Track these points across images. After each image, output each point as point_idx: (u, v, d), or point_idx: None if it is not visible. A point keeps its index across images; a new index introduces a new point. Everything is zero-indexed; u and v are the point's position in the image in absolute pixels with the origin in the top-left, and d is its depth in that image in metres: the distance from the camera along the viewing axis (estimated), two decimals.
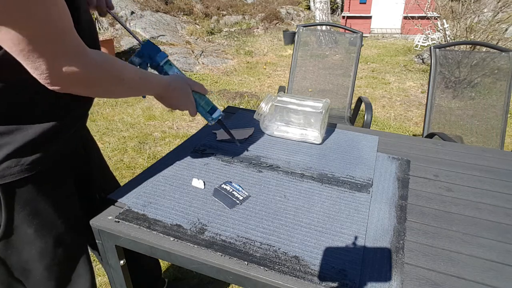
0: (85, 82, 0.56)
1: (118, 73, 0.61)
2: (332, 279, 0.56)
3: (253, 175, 0.84)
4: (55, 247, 0.70)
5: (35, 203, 0.65)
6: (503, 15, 4.72)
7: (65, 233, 0.71)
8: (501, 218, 0.73)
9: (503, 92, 1.74)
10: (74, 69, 0.52)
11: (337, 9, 11.87)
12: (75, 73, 0.52)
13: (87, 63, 0.54)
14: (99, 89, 0.60)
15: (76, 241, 0.72)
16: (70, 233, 0.71)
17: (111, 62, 0.59)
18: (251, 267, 0.58)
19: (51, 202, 0.68)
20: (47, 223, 0.68)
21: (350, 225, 0.68)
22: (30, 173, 0.62)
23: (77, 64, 0.52)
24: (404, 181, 0.84)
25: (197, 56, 5.77)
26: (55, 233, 0.69)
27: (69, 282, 0.76)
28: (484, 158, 0.98)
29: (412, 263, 0.60)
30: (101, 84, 0.59)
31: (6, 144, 0.58)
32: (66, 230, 0.71)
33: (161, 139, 2.99)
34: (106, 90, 0.61)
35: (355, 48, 2.32)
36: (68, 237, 0.72)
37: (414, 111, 3.84)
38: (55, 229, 0.69)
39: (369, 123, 1.92)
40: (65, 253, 0.73)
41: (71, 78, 0.53)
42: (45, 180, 0.66)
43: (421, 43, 7.16)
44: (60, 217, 0.70)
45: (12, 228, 0.64)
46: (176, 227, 0.66)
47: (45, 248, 0.69)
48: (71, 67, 0.52)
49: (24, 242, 0.66)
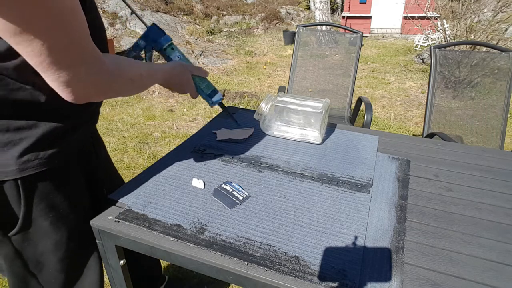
0: (101, 89, 0.57)
1: (128, 74, 0.62)
2: (332, 279, 0.56)
3: (253, 175, 0.84)
4: (69, 240, 0.72)
5: (51, 196, 0.67)
6: (503, 15, 4.72)
7: (78, 226, 0.73)
8: (501, 218, 0.73)
9: (503, 92, 1.74)
10: (92, 78, 0.53)
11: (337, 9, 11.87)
12: (93, 81, 0.54)
13: (103, 71, 0.55)
14: (113, 93, 0.61)
15: (88, 234, 0.73)
16: (83, 226, 0.73)
17: (122, 65, 0.60)
18: (251, 267, 0.58)
19: (66, 196, 0.70)
20: (62, 216, 0.70)
21: (350, 225, 0.68)
22: (48, 167, 0.64)
23: (94, 73, 0.53)
24: (404, 181, 0.84)
25: (197, 56, 5.77)
26: (69, 226, 0.72)
27: (80, 275, 0.78)
28: (484, 158, 0.98)
29: (412, 263, 0.60)
30: (115, 88, 0.60)
31: (26, 138, 0.60)
32: (79, 223, 0.73)
33: (161, 139, 2.99)
34: (118, 92, 0.62)
35: (355, 48, 2.32)
36: (80, 230, 0.74)
37: (414, 111, 3.84)
38: (69, 222, 0.72)
39: (369, 123, 1.92)
40: (78, 245, 0.75)
41: (89, 87, 0.54)
42: (61, 174, 0.68)
43: (421, 43, 7.16)
44: (73, 211, 0.72)
45: (30, 220, 0.66)
46: (176, 227, 0.66)
47: (60, 241, 0.71)
48: (89, 76, 0.52)
49: (40, 235, 0.68)
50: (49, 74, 0.48)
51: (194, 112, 3.56)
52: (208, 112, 3.53)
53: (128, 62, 0.63)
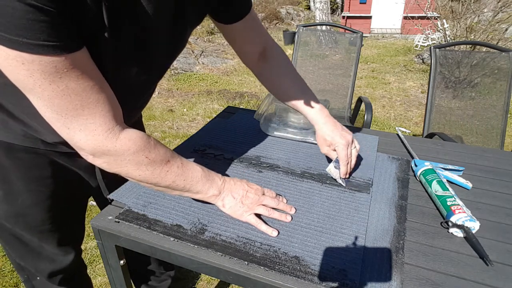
0: (111, 166, 0.57)
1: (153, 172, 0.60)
2: (332, 279, 0.56)
3: (253, 175, 0.84)
4: (17, 217, 0.76)
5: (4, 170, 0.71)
6: (503, 15, 4.72)
7: (29, 208, 0.76)
8: (501, 218, 0.73)
9: (503, 92, 1.74)
10: (92, 148, 0.54)
11: (337, 9, 11.87)
12: (92, 151, 0.54)
13: (112, 148, 0.54)
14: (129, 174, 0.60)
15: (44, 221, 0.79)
16: (33, 210, 0.77)
17: (146, 153, 0.58)
18: (251, 267, 0.58)
19: (21, 176, 0.73)
20: (13, 192, 0.73)
21: (350, 225, 0.68)
22: None
23: (96, 146, 0.53)
24: (404, 181, 0.84)
25: (197, 56, 5.77)
26: (20, 205, 0.75)
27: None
28: (484, 158, 0.98)
29: (412, 263, 0.60)
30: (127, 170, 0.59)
31: None
32: (31, 206, 0.76)
33: (161, 139, 2.98)
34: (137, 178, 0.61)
35: (355, 48, 2.32)
36: (28, 213, 0.77)
37: (414, 111, 3.85)
38: (22, 202, 0.75)
39: (369, 123, 1.92)
40: (23, 227, 0.78)
41: (91, 155, 0.55)
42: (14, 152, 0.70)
43: (421, 43, 7.16)
44: (27, 192, 0.74)
45: None
46: (176, 227, 0.66)
47: (8, 215, 0.76)
48: (88, 145, 0.53)
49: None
50: (55, 128, 0.51)
51: (194, 112, 3.56)
52: (208, 112, 3.53)
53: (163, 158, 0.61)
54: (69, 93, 0.47)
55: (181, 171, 0.63)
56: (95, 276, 1.60)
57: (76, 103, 0.48)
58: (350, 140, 0.79)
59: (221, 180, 0.69)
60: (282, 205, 0.70)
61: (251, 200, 0.68)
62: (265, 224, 0.65)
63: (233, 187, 0.69)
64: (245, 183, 0.71)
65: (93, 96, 0.50)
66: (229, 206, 0.68)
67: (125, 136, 0.55)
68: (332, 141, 0.79)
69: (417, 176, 0.85)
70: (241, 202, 0.67)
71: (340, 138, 0.77)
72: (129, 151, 0.55)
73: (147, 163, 0.58)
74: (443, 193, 0.74)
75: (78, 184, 0.82)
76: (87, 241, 1.75)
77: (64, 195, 0.80)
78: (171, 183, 0.62)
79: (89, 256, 1.69)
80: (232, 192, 0.68)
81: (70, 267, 0.89)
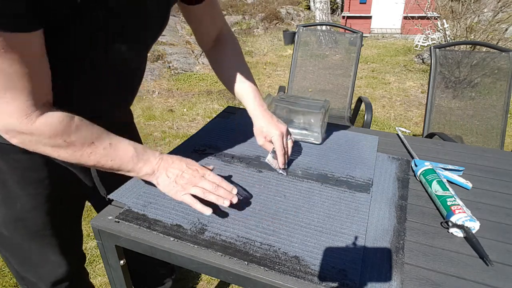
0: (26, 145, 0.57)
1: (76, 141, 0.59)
2: (332, 279, 0.56)
3: (253, 175, 0.84)
4: (16, 221, 0.75)
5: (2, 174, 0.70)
6: (503, 15, 4.72)
7: (28, 212, 0.75)
8: (501, 218, 0.73)
9: (503, 92, 1.74)
10: (11, 130, 0.54)
11: (337, 9, 11.87)
12: (13, 134, 0.54)
13: (26, 131, 0.54)
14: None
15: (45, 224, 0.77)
16: (34, 214, 0.76)
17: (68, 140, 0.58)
18: (251, 267, 0.58)
19: (18, 179, 0.72)
20: (11, 196, 0.72)
21: (350, 225, 0.68)
22: None
23: (10, 127, 0.54)
24: (404, 181, 0.84)
25: (197, 56, 5.77)
26: (18, 209, 0.74)
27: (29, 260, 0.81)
28: (484, 158, 0.98)
29: (412, 263, 0.60)
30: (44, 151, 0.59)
31: None
32: (29, 210, 0.75)
33: (161, 139, 2.99)
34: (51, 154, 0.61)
35: (355, 48, 2.32)
36: (31, 217, 0.76)
37: (414, 111, 3.85)
38: (21, 206, 0.74)
39: (369, 123, 1.92)
40: (24, 234, 0.77)
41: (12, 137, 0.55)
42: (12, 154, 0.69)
43: (421, 43, 7.16)
44: (25, 196, 0.73)
45: None
46: (176, 227, 0.66)
47: (7, 220, 0.74)
48: (2, 125, 0.53)
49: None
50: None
51: (194, 112, 3.56)
52: (208, 112, 3.53)
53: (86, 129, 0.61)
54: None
55: (107, 152, 0.63)
56: (95, 276, 1.60)
57: (1, 85, 0.48)
58: (285, 131, 0.82)
59: (157, 159, 0.70)
60: (222, 191, 0.68)
61: (186, 181, 0.68)
62: (200, 203, 0.66)
63: (169, 166, 0.70)
64: (184, 164, 0.71)
65: (21, 83, 0.50)
66: (163, 185, 0.69)
67: (42, 121, 0.55)
68: (268, 132, 0.82)
69: (417, 176, 0.85)
70: (175, 181, 0.68)
71: (275, 129, 0.81)
72: (44, 135, 0.56)
73: (65, 146, 0.58)
74: (443, 193, 0.74)
75: (75, 184, 0.82)
76: (87, 241, 1.75)
77: (62, 196, 0.79)
78: (96, 163, 0.63)
79: (89, 256, 1.69)
80: (167, 171, 0.69)
81: (74, 274, 0.87)
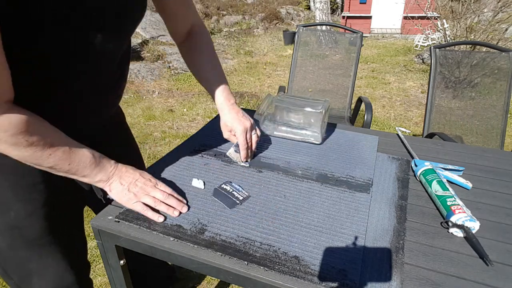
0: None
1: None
2: (332, 279, 0.56)
3: (253, 175, 0.84)
4: (6, 231, 0.73)
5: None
6: (503, 15, 4.72)
7: (21, 220, 0.73)
8: (501, 218, 0.73)
9: (503, 92, 1.74)
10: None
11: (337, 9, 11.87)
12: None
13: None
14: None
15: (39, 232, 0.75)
16: (26, 222, 0.73)
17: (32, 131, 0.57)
18: (251, 267, 0.58)
19: (7, 186, 0.70)
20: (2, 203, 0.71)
21: (350, 225, 0.68)
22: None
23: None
24: (404, 181, 0.84)
25: None
26: (10, 217, 0.72)
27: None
28: (484, 158, 0.98)
29: (412, 263, 0.60)
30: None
31: None
32: (20, 218, 0.72)
33: (161, 139, 2.99)
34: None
35: (355, 48, 2.32)
36: (21, 226, 0.73)
37: (414, 111, 3.85)
38: (13, 214, 0.72)
39: (369, 123, 1.92)
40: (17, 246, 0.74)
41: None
42: None
43: (421, 43, 7.16)
44: (16, 204, 0.71)
45: None
46: (176, 227, 0.66)
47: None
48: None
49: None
50: None
51: (194, 112, 3.56)
52: (208, 112, 3.53)
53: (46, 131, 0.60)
54: None
55: (66, 155, 0.63)
56: (95, 276, 1.60)
57: None
58: (249, 126, 0.85)
59: (112, 167, 0.70)
60: (173, 201, 0.70)
61: (139, 189, 0.70)
62: (151, 211, 0.68)
63: (123, 174, 0.71)
64: (138, 173, 0.72)
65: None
66: (115, 191, 0.70)
67: (4, 118, 0.55)
68: (232, 126, 0.85)
69: (417, 176, 0.85)
70: (127, 189, 0.69)
71: (239, 124, 0.83)
72: (6, 132, 0.55)
73: (26, 145, 0.58)
74: (443, 193, 0.74)
75: (71, 188, 0.79)
76: (87, 241, 1.75)
77: (59, 201, 0.76)
78: (53, 165, 0.63)
79: (89, 256, 1.69)
80: (120, 179, 0.70)
81: (77, 285, 0.84)
